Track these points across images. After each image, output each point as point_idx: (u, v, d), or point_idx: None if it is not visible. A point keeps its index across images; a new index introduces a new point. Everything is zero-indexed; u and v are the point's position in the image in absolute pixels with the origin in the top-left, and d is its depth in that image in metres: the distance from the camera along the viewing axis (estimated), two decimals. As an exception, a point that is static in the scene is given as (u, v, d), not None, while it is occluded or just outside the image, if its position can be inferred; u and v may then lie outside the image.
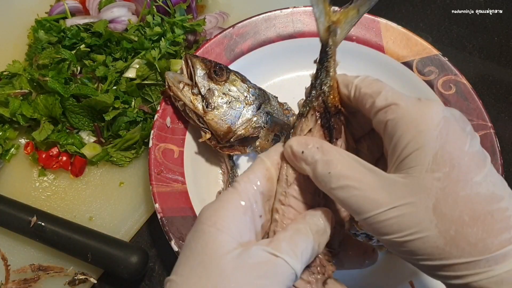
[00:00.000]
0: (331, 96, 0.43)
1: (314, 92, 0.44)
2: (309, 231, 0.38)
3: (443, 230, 0.33)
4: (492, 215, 0.33)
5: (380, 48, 0.76)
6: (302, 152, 0.39)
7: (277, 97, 0.74)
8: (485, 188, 0.34)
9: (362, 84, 0.41)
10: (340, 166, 0.37)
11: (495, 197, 0.34)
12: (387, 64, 0.76)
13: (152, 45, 0.78)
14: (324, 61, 0.44)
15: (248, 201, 0.38)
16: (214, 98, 0.67)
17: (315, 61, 0.45)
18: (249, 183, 0.39)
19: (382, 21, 0.76)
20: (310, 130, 0.42)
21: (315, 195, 0.41)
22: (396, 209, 0.34)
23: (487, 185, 0.34)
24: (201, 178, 0.70)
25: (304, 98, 0.45)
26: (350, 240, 0.46)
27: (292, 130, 0.43)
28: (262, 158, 0.42)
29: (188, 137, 0.71)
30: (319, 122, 0.42)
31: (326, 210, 0.41)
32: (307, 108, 0.43)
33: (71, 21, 0.81)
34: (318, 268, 0.40)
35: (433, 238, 0.34)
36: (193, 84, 0.67)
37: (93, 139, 0.75)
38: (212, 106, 0.66)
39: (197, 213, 0.65)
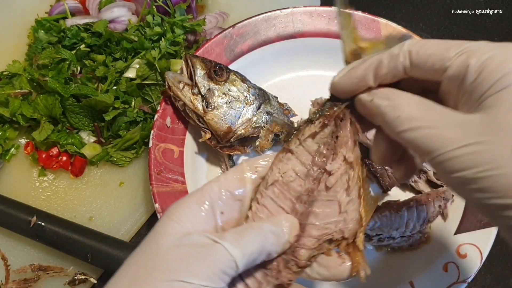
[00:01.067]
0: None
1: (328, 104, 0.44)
2: (263, 229, 0.39)
3: None
4: None
5: (380, 48, 0.76)
6: (371, 100, 0.39)
7: (277, 97, 0.74)
8: None
9: (416, 47, 0.39)
10: (409, 108, 0.37)
11: None
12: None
13: (152, 45, 0.78)
14: None
15: (208, 197, 0.40)
16: (214, 98, 0.67)
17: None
18: (216, 182, 0.41)
19: (382, 21, 0.76)
20: (311, 135, 0.42)
21: (296, 203, 0.42)
22: (473, 146, 0.33)
23: None
24: (201, 178, 0.70)
25: (315, 104, 0.45)
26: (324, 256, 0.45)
27: (295, 132, 0.43)
28: (242, 162, 0.43)
29: (188, 137, 0.71)
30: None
31: (292, 218, 0.41)
32: (317, 115, 0.43)
33: (71, 21, 0.81)
34: (274, 272, 0.40)
35: (510, 176, 0.32)
36: (193, 84, 0.67)
37: (93, 139, 0.75)
38: (212, 106, 0.66)
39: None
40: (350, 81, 0.41)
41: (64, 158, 0.73)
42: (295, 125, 0.73)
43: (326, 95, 0.44)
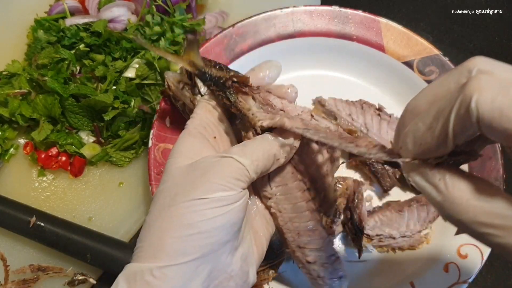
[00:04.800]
0: None
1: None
2: (264, 137, 0.45)
3: None
4: None
5: (380, 48, 0.76)
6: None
7: (277, 97, 0.73)
8: None
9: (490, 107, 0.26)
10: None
11: None
12: (387, 64, 0.76)
13: (152, 44, 0.78)
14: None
15: (194, 129, 0.47)
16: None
17: None
18: (194, 118, 0.49)
19: (383, 20, 0.76)
20: None
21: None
22: None
23: None
24: (201, 178, 0.70)
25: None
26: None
27: None
28: (202, 100, 0.52)
29: (188, 137, 0.70)
30: None
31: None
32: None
33: (70, 21, 0.81)
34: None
35: None
36: (193, 84, 0.67)
37: (92, 139, 0.75)
38: (212, 106, 0.66)
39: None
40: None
41: (64, 158, 0.73)
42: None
43: (327, 94, 0.44)
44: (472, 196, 0.30)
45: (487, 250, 0.65)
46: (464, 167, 0.70)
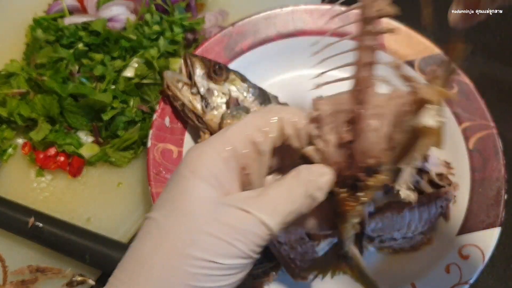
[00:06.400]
0: None
1: None
2: (298, 191, 0.36)
3: None
4: None
5: (381, 47, 0.75)
6: None
7: (277, 97, 0.73)
8: None
9: None
10: None
11: None
12: (389, 63, 0.75)
13: (151, 44, 0.78)
14: None
15: (232, 150, 0.36)
16: (213, 98, 0.66)
17: None
18: (240, 127, 0.37)
19: (384, 19, 0.76)
20: None
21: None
22: None
23: None
24: (200, 179, 0.69)
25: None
26: None
27: None
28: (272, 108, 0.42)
29: (187, 137, 0.70)
30: None
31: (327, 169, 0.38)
32: None
33: (69, 20, 0.80)
34: None
35: None
36: (192, 84, 0.67)
37: (91, 139, 0.74)
38: (212, 106, 0.66)
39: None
40: None
41: (62, 158, 0.73)
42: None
43: (327, 94, 0.43)
44: None
45: (488, 251, 0.64)
46: (466, 168, 0.70)
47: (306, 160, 0.39)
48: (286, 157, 0.42)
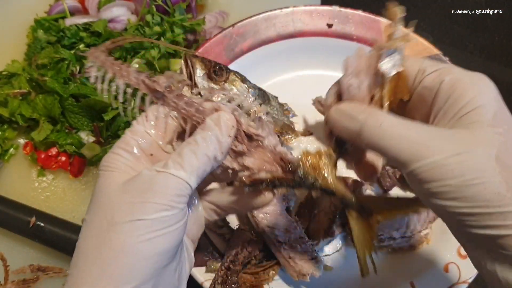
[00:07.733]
0: None
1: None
2: (197, 140, 0.40)
3: (506, 177, 0.34)
4: None
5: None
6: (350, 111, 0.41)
7: (277, 97, 0.73)
8: None
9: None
10: (391, 121, 0.38)
11: None
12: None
13: (152, 44, 0.78)
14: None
15: (133, 141, 0.42)
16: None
17: None
18: (137, 126, 0.44)
19: (383, 20, 0.76)
20: None
21: None
22: (459, 156, 0.35)
23: None
24: (200, 179, 0.70)
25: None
26: None
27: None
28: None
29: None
30: None
31: (221, 113, 0.44)
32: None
33: (70, 21, 0.81)
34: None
35: (495, 184, 0.34)
36: (193, 84, 0.67)
37: (92, 139, 0.74)
38: (212, 106, 0.66)
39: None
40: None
41: (63, 158, 0.73)
42: (295, 126, 0.73)
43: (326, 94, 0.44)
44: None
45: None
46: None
47: None
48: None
